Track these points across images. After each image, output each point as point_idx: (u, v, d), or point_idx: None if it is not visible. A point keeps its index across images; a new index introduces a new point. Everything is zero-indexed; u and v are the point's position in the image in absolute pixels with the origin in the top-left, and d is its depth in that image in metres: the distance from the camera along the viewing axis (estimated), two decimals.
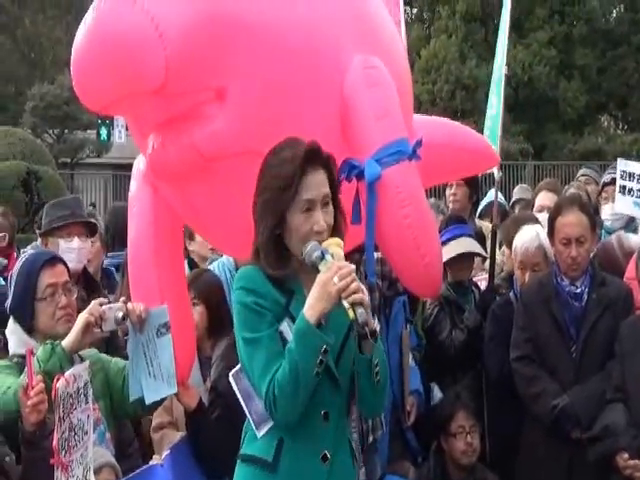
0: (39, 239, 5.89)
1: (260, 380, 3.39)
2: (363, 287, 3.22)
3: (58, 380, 3.41)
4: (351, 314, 3.15)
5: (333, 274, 3.19)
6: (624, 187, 6.61)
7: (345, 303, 3.17)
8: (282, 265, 3.40)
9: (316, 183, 3.39)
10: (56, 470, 3.28)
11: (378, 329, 3.30)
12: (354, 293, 3.16)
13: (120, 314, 4.08)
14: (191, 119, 3.68)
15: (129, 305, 4.14)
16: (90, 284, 5.67)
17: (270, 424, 3.50)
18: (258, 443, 3.55)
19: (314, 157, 3.40)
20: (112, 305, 4.15)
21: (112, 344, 4.86)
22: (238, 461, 3.62)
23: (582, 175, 8.91)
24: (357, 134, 3.95)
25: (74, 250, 5.46)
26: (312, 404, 3.39)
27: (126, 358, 4.35)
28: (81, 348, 4.06)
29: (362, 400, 3.49)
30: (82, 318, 4.01)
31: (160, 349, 4.16)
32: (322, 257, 3.27)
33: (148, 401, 4.09)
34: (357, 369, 3.37)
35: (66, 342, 3.96)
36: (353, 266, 3.24)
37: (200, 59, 3.58)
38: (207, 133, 3.68)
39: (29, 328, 4.26)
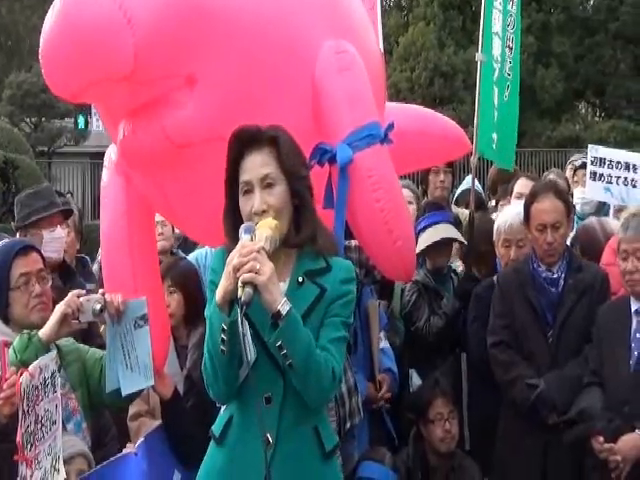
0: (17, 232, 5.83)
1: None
2: (264, 267, 3.15)
3: (21, 374, 3.40)
4: (239, 292, 3.11)
5: (236, 252, 3.19)
6: (594, 173, 6.65)
7: (239, 282, 3.13)
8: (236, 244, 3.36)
9: (253, 165, 3.39)
10: (20, 465, 3.27)
11: (285, 312, 3.20)
12: (245, 271, 3.12)
13: (98, 306, 4.08)
14: (161, 105, 3.67)
15: (107, 296, 4.13)
16: (66, 272, 5.69)
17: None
18: (218, 419, 3.63)
19: (254, 139, 3.41)
20: (90, 296, 4.13)
21: (89, 334, 4.84)
22: None
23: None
24: (328, 118, 3.96)
25: (58, 240, 5.46)
26: (253, 386, 3.35)
27: (103, 348, 4.35)
28: (58, 338, 4.05)
29: (296, 384, 3.41)
30: (59, 309, 4.00)
31: (137, 341, 4.15)
32: (251, 237, 3.25)
33: (124, 392, 4.10)
34: (279, 348, 3.28)
35: (43, 332, 3.95)
36: (258, 246, 3.19)
37: (169, 45, 3.56)
38: (177, 119, 3.67)
39: (5, 318, 4.26)
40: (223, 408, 3.64)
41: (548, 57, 30.82)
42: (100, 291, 4.26)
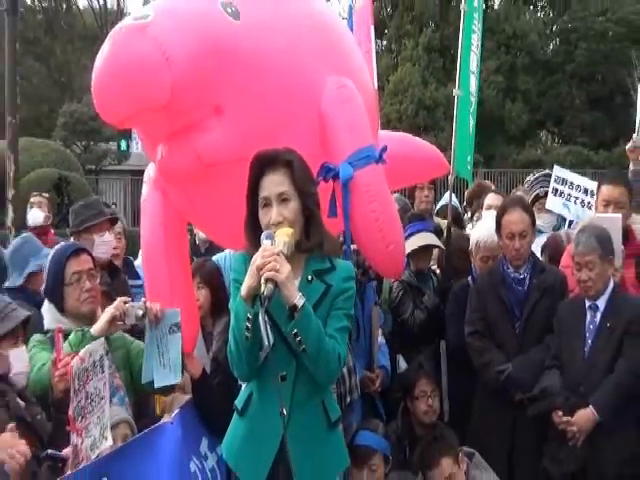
0: (72, 237, 5.83)
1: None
2: (283, 267, 3.20)
3: (73, 359, 3.42)
4: (262, 287, 3.16)
5: (259, 254, 3.22)
6: (556, 190, 6.65)
7: (262, 279, 3.17)
8: (257, 249, 3.37)
9: (271, 184, 3.42)
10: (72, 435, 3.30)
11: (300, 305, 3.25)
12: (267, 270, 3.16)
13: (140, 312, 4.12)
14: (193, 131, 3.66)
15: (148, 304, 4.16)
16: (113, 270, 5.74)
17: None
18: (240, 394, 3.67)
19: (272, 161, 3.44)
20: (134, 303, 4.17)
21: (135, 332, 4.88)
22: None
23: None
24: (333, 142, 3.98)
25: (107, 243, 5.49)
26: (270, 367, 3.38)
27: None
28: (106, 335, 4.03)
29: (308, 366, 3.44)
30: (109, 311, 4.03)
31: (171, 344, 4.19)
32: (271, 243, 3.29)
33: (157, 385, 4.12)
34: (294, 336, 3.33)
35: (94, 329, 3.97)
36: (278, 250, 3.24)
37: (200, 81, 3.56)
38: (206, 142, 3.66)
39: (61, 308, 4.27)
40: (244, 385, 3.67)
41: (515, 93, 30.84)
42: (142, 299, 4.28)
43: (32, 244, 5.90)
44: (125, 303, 4.12)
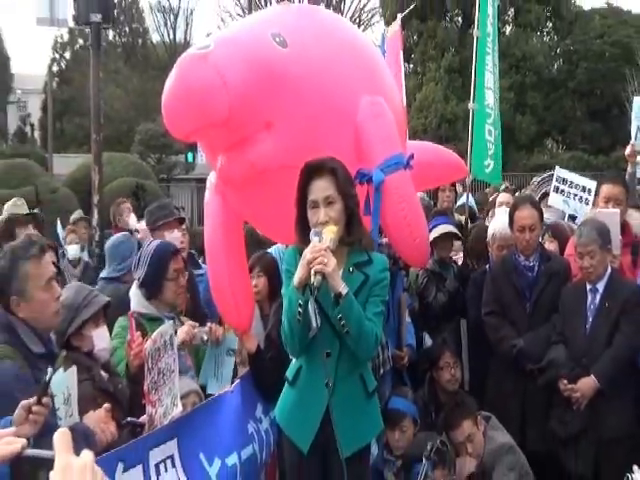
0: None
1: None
2: (330, 260, 3.23)
3: (146, 341, 3.45)
4: (312, 279, 3.19)
5: (309, 250, 3.24)
6: (557, 188, 6.65)
7: (312, 270, 3.20)
8: (307, 244, 3.39)
9: (318, 187, 3.45)
10: (147, 406, 3.33)
11: (344, 293, 3.28)
12: (317, 263, 3.20)
13: (205, 337, 4.23)
14: (247, 143, 3.67)
15: (213, 327, 4.28)
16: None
17: None
18: (291, 366, 3.70)
19: (319, 168, 3.47)
20: (200, 329, 4.24)
21: None
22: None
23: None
24: (367, 151, 3.98)
25: (176, 239, 5.50)
26: (317, 345, 3.46)
27: None
28: None
29: (350, 345, 3.47)
30: (181, 336, 4.03)
31: (225, 365, 4.34)
32: (318, 239, 3.32)
33: (209, 391, 4.19)
34: (339, 318, 3.37)
35: None
36: (325, 245, 3.27)
37: (254, 101, 3.57)
38: (258, 153, 3.68)
39: (149, 296, 4.24)
40: (294, 360, 3.68)
41: (524, 107, 30.63)
42: (208, 324, 4.35)
43: (129, 244, 5.93)
44: (194, 328, 4.18)
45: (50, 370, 2.82)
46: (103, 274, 5.62)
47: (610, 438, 4.59)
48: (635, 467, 2.83)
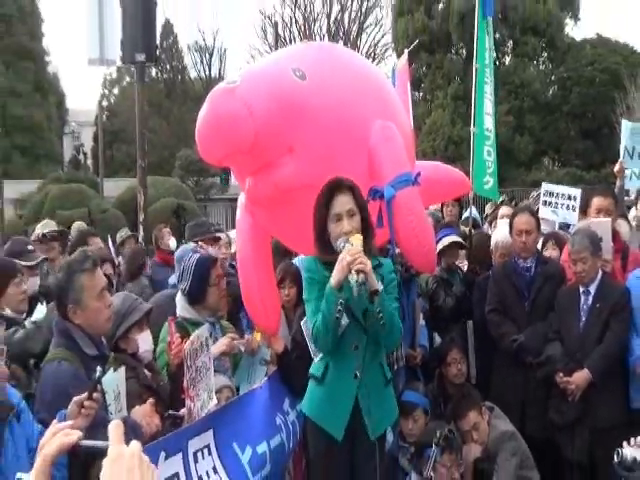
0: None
1: (310, 324, 3.53)
2: (367, 262, 3.26)
3: (185, 342, 3.47)
4: (355, 278, 3.22)
5: (346, 254, 3.27)
6: (545, 201, 6.70)
7: (352, 271, 3.22)
8: (327, 254, 3.46)
9: (341, 202, 3.49)
10: (186, 400, 3.35)
11: (379, 289, 3.34)
12: (358, 264, 3.23)
13: (242, 347, 4.23)
14: (271, 166, 3.68)
15: (250, 339, 4.27)
16: None
17: (321, 353, 3.64)
18: (316, 365, 3.69)
19: (339, 186, 3.51)
20: (239, 340, 4.23)
21: None
22: (309, 380, 3.74)
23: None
24: (378, 170, 3.98)
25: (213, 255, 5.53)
26: (346, 340, 3.49)
27: None
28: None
29: (378, 338, 3.52)
30: (220, 348, 4.04)
31: (257, 372, 4.33)
32: (344, 246, 3.34)
33: (241, 393, 4.15)
34: (372, 315, 3.42)
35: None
36: (361, 248, 3.31)
37: (276, 128, 3.58)
38: (282, 175, 3.69)
39: (193, 302, 4.25)
40: (317, 359, 3.67)
41: (522, 129, 30.48)
42: (246, 336, 4.35)
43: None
44: (233, 340, 4.17)
45: (99, 369, 2.85)
46: (172, 279, 5.60)
47: (602, 426, 4.57)
48: (624, 443, 2.81)
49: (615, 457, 2.75)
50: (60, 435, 1.41)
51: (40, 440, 1.65)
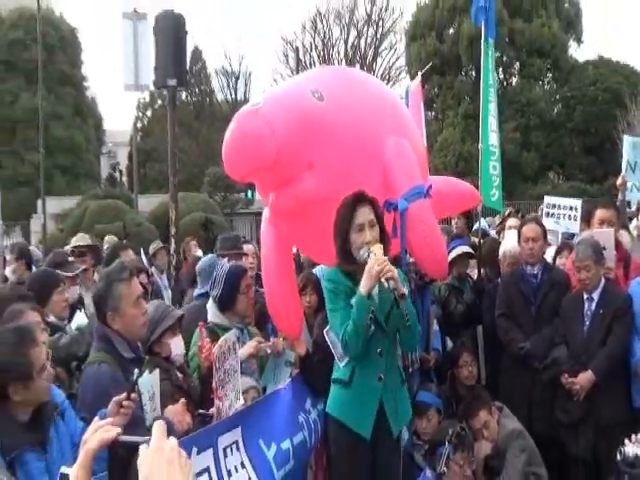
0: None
1: (339, 332, 3.50)
2: (394, 269, 3.30)
3: (213, 346, 3.49)
4: (386, 284, 3.25)
5: (374, 263, 3.28)
6: (548, 213, 6.72)
7: (382, 279, 3.25)
8: (349, 264, 3.45)
9: (363, 213, 3.50)
10: (215, 400, 3.37)
11: (406, 293, 3.37)
12: (387, 272, 3.25)
13: (269, 350, 4.23)
14: (292, 181, 3.69)
15: (276, 342, 4.29)
16: None
17: (346, 359, 3.61)
18: (341, 370, 3.66)
19: (361, 199, 3.51)
20: (265, 344, 4.25)
21: None
22: (331, 384, 3.73)
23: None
24: (392, 183, 3.98)
25: None
26: (371, 346, 3.49)
27: None
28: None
29: (401, 340, 3.55)
30: (248, 351, 4.06)
31: (283, 373, 4.32)
32: (368, 256, 3.35)
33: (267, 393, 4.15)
34: (395, 320, 3.45)
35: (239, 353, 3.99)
36: (385, 257, 3.33)
37: (296, 146, 3.60)
38: (302, 189, 3.70)
39: (223, 309, 4.28)
40: (343, 364, 3.65)
41: (529, 145, 30.28)
42: (272, 339, 4.36)
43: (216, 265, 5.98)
44: (260, 343, 4.19)
45: (136, 371, 2.89)
46: (196, 291, 5.66)
47: (605, 424, 4.54)
48: (626, 441, 2.80)
49: (618, 455, 2.74)
50: (101, 431, 1.43)
51: (82, 436, 1.70)
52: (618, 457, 2.73)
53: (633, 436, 2.78)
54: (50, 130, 30.08)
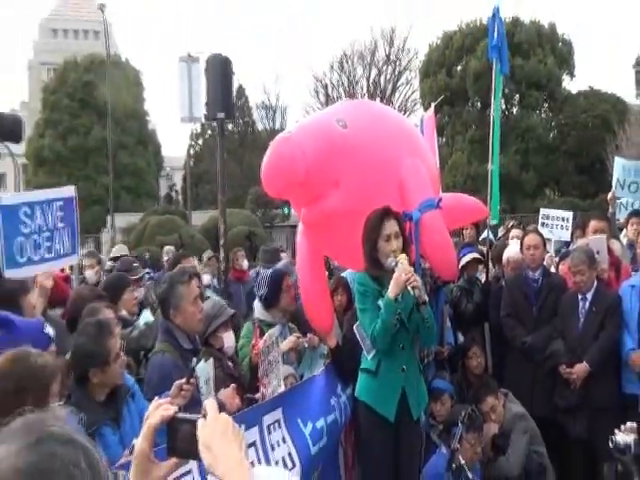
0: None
1: (368, 328, 3.50)
2: (418, 279, 3.29)
3: (261, 341, 3.52)
4: (411, 292, 3.23)
5: (401, 272, 3.27)
6: (543, 223, 6.69)
7: (409, 287, 3.23)
8: (376, 270, 3.44)
9: (390, 225, 3.49)
10: (261, 387, 3.40)
11: (427, 300, 3.35)
12: (413, 282, 3.24)
13: (306, 344, 4.26)
14: (320, 198, 3.71)
15: (312, 337, 4.30)
16: None
17: (374, 351, 3.61)
18: (368, 362, 3.65)
19: (388, 213, 3.52)
20: (303, 339, 4.26)
21: None
22: (359, 372, 3.71)
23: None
24: (407, 197, 3.97)
25: None
26: (395, 341, 3.49)
27: None
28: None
29: (421, 338, 3.55)
30: (288, 345, 4.07)
31: (317, 363, 4.34)
32: (396, 265, 3.32)
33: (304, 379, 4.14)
34: (416, 320, 3.43)
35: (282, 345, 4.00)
36: (411, 268, 3.33)
37: (324, 167, 3.61)
38: (329, 204, 3.71)
39: (268, 307, 4.30)
40: (370, 356, 3.64)
41: (528, 166, 29.85)
42: (308, 335, 4.35)
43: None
44: (298, 338, 4.20)
45: (194, 360, 2.94)
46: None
47: (598, 408, 4.49)
48: (616, 430, 2.76)
49: (610, 443, 2.70)
50: (161, 409, 1.43)
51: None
52: (610, 444, 2.69)
53: (622, 426, 2.73)
54: (117, 157, 30.63)
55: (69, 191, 4.10)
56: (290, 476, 1.66)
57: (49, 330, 2.98)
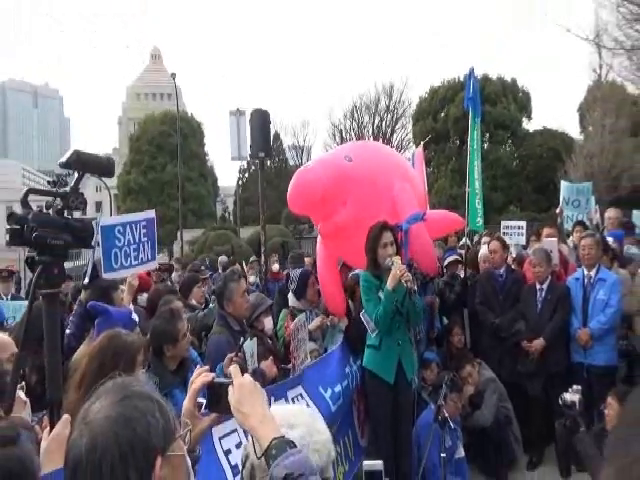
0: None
1: (372, 314, 3.47)
2: (409, 274, 3.26)
3: (291, 325, 3.51)
4: (405, 284, 3.20)
5: (396, 270, 3.25)
6: (504, 232, 6.60)
7: (402, 280, 3.21)
8: (376, 269, 3.42)
9: (386, 236, 3.47)
10: (292, 359, 3.39)
11: (416, 290, 3.32)
12: (405, 276, 3.22)
13: (329, 323, 4.19)
14: (333, 213, 3.71)
15: (333, 318, 4.22)
16: None
17: (376, 331, 3.57)
18: (372, 339, 3.62)
19: (385, 226, 3.50)
20: (327, 320, 4.18)
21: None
22: (366, 348, 3.69)
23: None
24: (399, 211, 3.94)
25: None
26: (393, 323, 3.43)
27: None
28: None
29: (410, 318, 3.47)
30: (317, 324, 4.04)
31: (336, 338, 4.19)
32: (392, 264, 3.30)
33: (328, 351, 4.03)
34: (408, 306, 3.38)
35: (310, 326, 3.98)
36: (404, 266, 3.29)
37: (335, 191, 3.63)
38: (340, 218, 3.71)
39: (298, 297, 4.27)
40: (374, 334, 3.59)
41: (496, 188, 29.41)
42: (330, 317, 4.24)
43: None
44: (323, 319, 4.14)
45: (242, 339, 2.96)
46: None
47: (552, 373, 4.40)
48: (564, 393, 2.70)
49: (560, 400, 2.65)
50: (202, 376, 1.40)
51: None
52: (560, 402, 2.65)
53: (570, 388, 2.69)
54: (185, 187, 30.93)
55: (150, 214, 4.18)
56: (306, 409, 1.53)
57: (135, 316, 3.05)
